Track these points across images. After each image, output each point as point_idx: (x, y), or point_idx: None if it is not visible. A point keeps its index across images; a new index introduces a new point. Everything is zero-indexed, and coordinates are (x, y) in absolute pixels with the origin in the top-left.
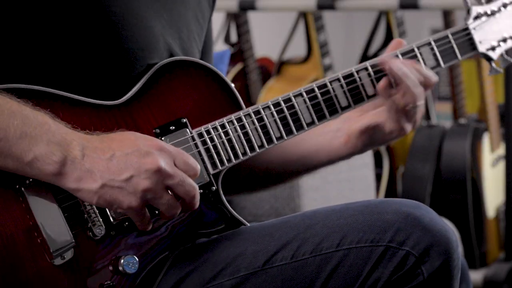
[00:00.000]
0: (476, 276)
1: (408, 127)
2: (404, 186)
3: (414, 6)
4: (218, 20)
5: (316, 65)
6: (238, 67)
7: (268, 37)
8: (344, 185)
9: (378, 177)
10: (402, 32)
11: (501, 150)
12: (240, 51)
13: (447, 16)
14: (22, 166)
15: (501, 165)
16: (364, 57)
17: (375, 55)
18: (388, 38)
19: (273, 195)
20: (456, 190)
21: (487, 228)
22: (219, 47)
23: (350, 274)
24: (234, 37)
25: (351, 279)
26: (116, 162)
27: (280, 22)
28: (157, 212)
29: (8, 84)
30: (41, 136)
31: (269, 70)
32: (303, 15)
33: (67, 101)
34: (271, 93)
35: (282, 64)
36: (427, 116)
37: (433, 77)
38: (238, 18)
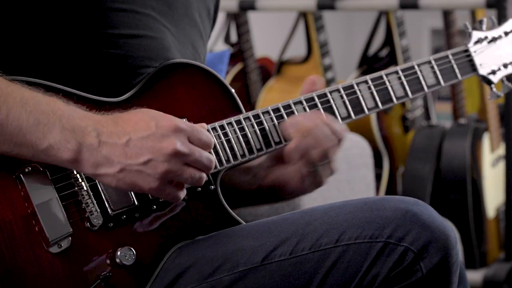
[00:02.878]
0: (476, 276)
1: (312, 188)
2: (404, 186)
3: (414, 6)
4: (218, 20)
5: (316, 65)
6: (238, 67)
7: (268, 37)
8: (344, 185)
9: (378, 177)
10: (402, 32)
11: (501, 150)
12: (240, 51)
13: (447, 16)
14: (38, 154)
15: (501, 165)
16: (364, 57)
17: (375, 55)
18: (388, 38)
19: None
20: (456, 190)
21: (487, 228)
22: (219, 47)
23: (349, 270)
24: (234, 37)
25: (349, 275)
26: (133, 147)
27: (280, 22)
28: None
29: (13, 76)
30: (54, 123)
31: (269, 70)
32: (303, 15)
33: (69, 95)
34: (271, 93)
35: (282, 64)
36: (427, 116)
37: (341, 132)
38: (238, 18)
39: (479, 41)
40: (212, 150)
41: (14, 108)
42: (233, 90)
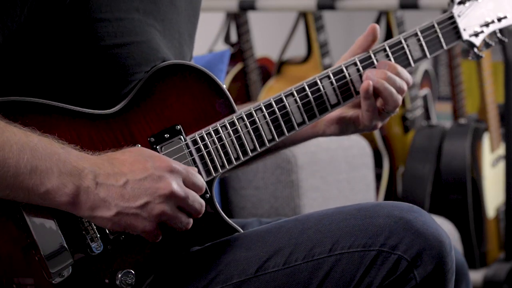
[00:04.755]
0: (476, 276)
1: (379, 125)
2: (404, 186)
3: (414, 6)
4: (218, 20)
5: (316, 65)
6: (238, 67)
7: (268, 37)
8: (344, 185)
9: (378, 177)
10: (402, 32)
11: (501, 150)
12: (240, 51)
13: None
14: (34, 198)
15: (501, 165)
16: None
17: None
18: (388, 38)
19: (273, 195)
20: (456, 190)
21: (487, 228)
22: (219, 47)
23: (343, 279)
24: (234, 37)
25: (343, 284)
26: (130, 189)
27: (280, 22)
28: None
29: (6, 97)
30: (51, 168)
31: (269, 70)
32: (303, 15)
33: (63, 112)
34: (271, 93)
35: (282, 64)
36: (427, 116)
37: (409, 79)
38: (238, 18)
39: (462, 1)
40: (207, 158)
41: (11, 157)
42: (224, 86)
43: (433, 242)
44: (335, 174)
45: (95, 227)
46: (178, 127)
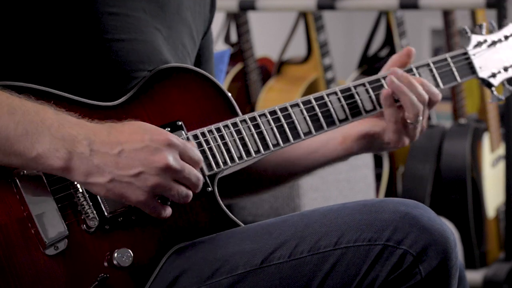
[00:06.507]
0: (476, 276)
1: (406, 140)
2: (404, 186)
3: (414, 6)
4: (218, 20)
5: (316, 65)
6: (238, 67)
7: (268, 37)
8: (344, 185)
9: (378, 177)
10: (402, 32)
11: (501, 150)
12: (240, 51)
13: (447, 16)
14: (28, 162)
15: (501, 165)
16: (364, 57)
17: (375, 55)
18: (388, 38)
19: (273, 195)
20: (456, 190)
21: (487, 228)
22: (219, 47)
23: (348, 273)
24: (234, 37)
25: (348, 278)
26: (125, 158)
27: (280, 22)
28: (169, 202)
29: (6, 82)
30: (43, 132)
31: (269, 70)
32: (303, 15)
33: (65, 100)
34: (271, 93)
35: (282, 64)
36: None
37: (438, 95)
38: (238, 18)
39: (478, 44)
40: (208, 153)
41: (1, 118)
42: (229, 94)
43: (438, 238)
44: (335, 174)
45: (91, 203)
46: (180, 123)
